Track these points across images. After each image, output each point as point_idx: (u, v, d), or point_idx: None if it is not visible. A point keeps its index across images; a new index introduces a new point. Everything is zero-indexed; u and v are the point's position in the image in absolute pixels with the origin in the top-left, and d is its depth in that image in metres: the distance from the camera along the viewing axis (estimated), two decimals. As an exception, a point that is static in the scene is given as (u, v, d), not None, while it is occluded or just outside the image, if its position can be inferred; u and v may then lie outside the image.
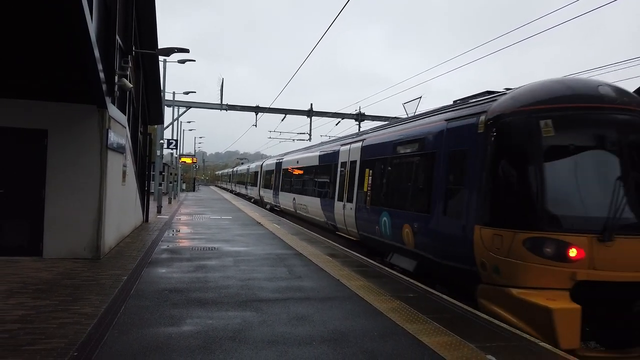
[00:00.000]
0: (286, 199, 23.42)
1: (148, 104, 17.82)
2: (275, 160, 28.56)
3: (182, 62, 21.90)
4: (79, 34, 7.03)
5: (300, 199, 20.10)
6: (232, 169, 68.91)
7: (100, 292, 6.76)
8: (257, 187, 35.56)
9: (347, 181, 13.99)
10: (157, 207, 22.02)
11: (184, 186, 57.30)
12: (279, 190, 25.62)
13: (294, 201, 21.37)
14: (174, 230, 14.98)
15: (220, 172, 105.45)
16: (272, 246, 11.90)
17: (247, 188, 43.03)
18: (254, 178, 37.69)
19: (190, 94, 32.80)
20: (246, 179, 44.53)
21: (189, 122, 64.84)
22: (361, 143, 13.25)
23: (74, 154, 9.15)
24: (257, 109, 34.24)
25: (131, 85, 11.31)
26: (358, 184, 12.97)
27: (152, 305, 6.19)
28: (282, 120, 35.22)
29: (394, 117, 20.78)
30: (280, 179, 25.67)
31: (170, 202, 30.40)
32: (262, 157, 47.07)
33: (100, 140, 9.26)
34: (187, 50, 13.98)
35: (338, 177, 14.93)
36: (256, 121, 34.79)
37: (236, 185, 55.97)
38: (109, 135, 9.42)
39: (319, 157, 17.97)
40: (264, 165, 33.41)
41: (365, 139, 13.22)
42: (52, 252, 9.05)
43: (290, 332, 5.30)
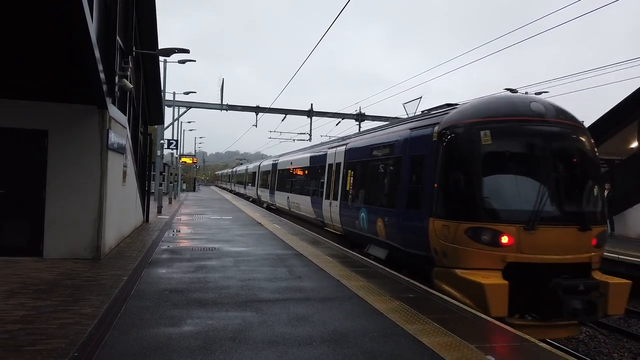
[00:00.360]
0: (281, 198, 24.68)
1: (148, 104, 17.83)
2: (271, 162, 29.92)
3: (183, 62, 21.93)
4: (80, 34, 7.03)
5: (294, 198, 21.40)
6: (232, 170, 70.50)
7: (101, 293, 6.77)
8: (255, 186, 36.76)
9: (332, 181, 15.36)
10: (158, 207, 22.03)
11: (184, 186, 57.33)
12: (275, 190, 26.91)
13: (288, 200, 22.74)
14: (174, 231, 14.98)
15: (220, 172, 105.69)
16: (272, 246, 11.91)
17: (245, 188, 44.54)
18: (252, 178, 39.01)
19: (190, 94, 32.87)
20: (245, 179, 45.97)
21: (189, 122, 64.71)
22: (344, 147, 14.64)
23: (74, 154, 9.16)
24: (257, 109, 34.26)
25: (131, 86, 11.32)
26: (342, 183, 14.35)
27: (153, 306, 6.19)
28: (282, 121, 35.27)
29: (394, 117, 20.80)
30: (276, 179, 26.98)
31: (170, 202, 30.41)
32: (262, 157, 48.69)
33: (101, 141, 9.26)
34: (187, 51, 13.99)
35: (326, 177, 16.29)
36: (256, 121, 34.83)
37: (235, 185, 57.54)
38: (110, 136, 9.43)
39: (310, 159, 19.30)
40: (261, 166, 34.81)
41: (348, 143, 14.64)
42: (52, 253, 9.06)
43: (290, 333, 5.30)
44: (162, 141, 28.02)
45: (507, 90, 26.29)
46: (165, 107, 26.55)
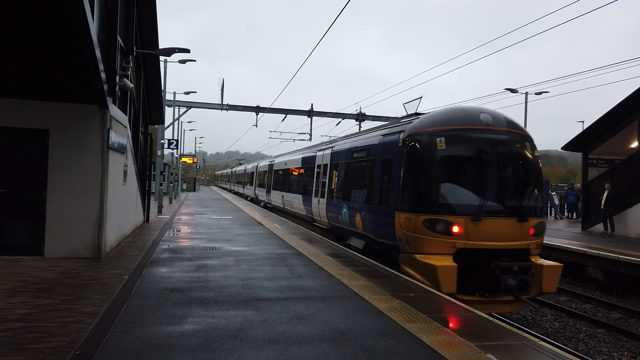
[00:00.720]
0: (276, 197, 26.32)
1: (149, 104, 17.84)
2: (267, 162, 31.52)
3: (183, 62, 21.95)
4: (81, 34, 7.05)
5: (288, 196, 22.97)
6: (231, 170, 72.00)
7: (102, 291, 6.79)
8: (252, 186, 38.23)
9: (320, 181, 16.89)
10: (158, 207, 22.05)
11: (184, 186, 57.36)
12: (271, 189, 28.54)
13: (283, 198, 24.30)
14: (174, 230, 15.01)
15: (220, 172, 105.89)
16: (273, 246, 11.93)
17: (244, 187, 46.22)
18: (250, 178, 40.61)
19: (190, 94, 32.88)
20: (243, 179, 47.70)
21: (190, 122, 64.75)
22: (331, 150, 16.22)
23: (75, 153, 9.18)
24: (257, 109, 34.26)
25: (132, 85, 11.33)
26: (328, 183, 15.83)
27: (154, 305, 6.21)
28: (282, 120, 35.28)
29: (394, 117, 20.84)
30: (272, 179, 28.60)
31: (171, 202, 30.43)
32: (262, 157, 50.30)
33: (102, 140, 9.28)
34: (187, 51, 14.02)
35: (315, 177, 17.76)
36: (257, 121, 34.84)
37: (235, 185, 58.95)
38: (110, 135, 9.45)
39: (302, 160, 20.91)
40: (258, 166, 36.47)
41: (333, 146, 16.21)
42: (53, 252, 9.08)
43: (291, 331, 5.32)
44: (162, 141, 28.00)
45: (508, 90, 26.33)
46: (166, 107, 26.56)
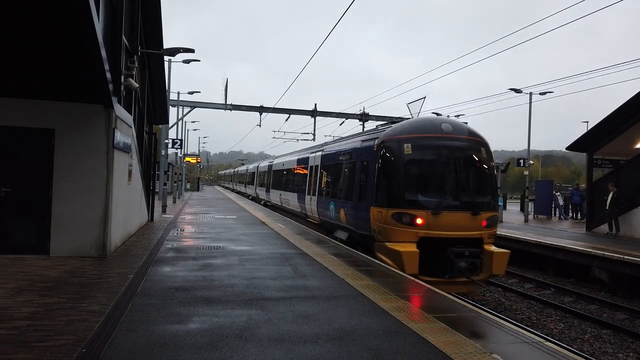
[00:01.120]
0: (275, 195, 28.21)
1: (153, 104, 17.88)
2: (267, 163, 33.71)
3: (187, 62, 22.00)
4: (86, 34, 7.08)
5: (285, 195, 24.82)
6: (234, 170, 74.16)
7: (108, 290, 6.82)
8: (253, 185, 40.34)
9: (312, 180, 18.74)
10: (162, 206, 22.11)
11: (188, 186, 57.45)
12: (270, 188, 30.50)
13: (280, 196, 26.20)
14: (179, 230, 15.04)
15: (224, 172, 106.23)
16: (277, 245, 11.94)
17: (246, 187, 48.58)
18: (252, 178, 42.82)
19: (194, 94, 32.95)
20: (245, 179, 49.94)
21: (194, 122, 64.62)
22: (321, 152, 18.17)
23: (80, 153, 9.21)
24: (261, 109, 34.27)
25: (137, 85, 11.37)
26: (318, 182, 17.67)
27: (159, 303, 6.23)
28: (286, 120, 35.29)
29: (398, 117, 20.86)
30: (271, 179, 30.50)
31: (174, 202, 30.48)
32: (265, 157, 51.92)
33: (107, 140, 9.31)
34: (192, 50, 14.04)
35: (307, 177, 19.63)
36: (260, 121, 34.84)
37: (237, 185, 60.65)
38: (116, 135, 9.48)
39: (297, 161, 22.79)
40: (259, 167, 38.84)
41: (324, 149, 18.25)
42: (59, 251, 9.12)
43: (295, 330, 5.33)
44: (166, 141, 28.11)
45: (512, 90, 26.26)
46: (170, 106, 26.64)
